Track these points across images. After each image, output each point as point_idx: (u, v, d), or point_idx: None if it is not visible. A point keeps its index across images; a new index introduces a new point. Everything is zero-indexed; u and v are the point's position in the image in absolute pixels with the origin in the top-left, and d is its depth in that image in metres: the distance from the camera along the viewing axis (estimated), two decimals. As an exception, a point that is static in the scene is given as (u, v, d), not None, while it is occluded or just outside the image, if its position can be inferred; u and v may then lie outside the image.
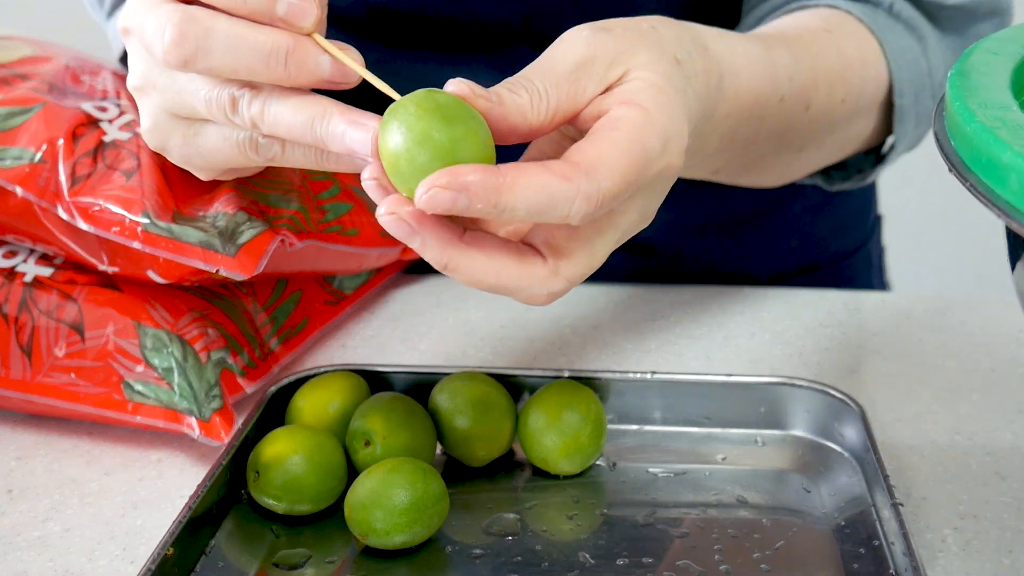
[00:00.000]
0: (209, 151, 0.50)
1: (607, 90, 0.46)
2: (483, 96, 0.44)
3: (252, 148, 0.49)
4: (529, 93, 0.45)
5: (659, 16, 0.50)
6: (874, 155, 0.73)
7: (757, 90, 0.57)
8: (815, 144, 0.67)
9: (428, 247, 0.43)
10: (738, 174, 0.67)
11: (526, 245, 0.46)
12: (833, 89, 0.64)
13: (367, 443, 0.55)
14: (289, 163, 0.49)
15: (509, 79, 0.45)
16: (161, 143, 0.51)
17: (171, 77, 0.48)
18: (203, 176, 0.54)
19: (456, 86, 0.44)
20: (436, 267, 0.44)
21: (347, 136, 0.45)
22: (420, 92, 0.44)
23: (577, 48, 0.46)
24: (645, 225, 0.49)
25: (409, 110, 0.43)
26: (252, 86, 0.47)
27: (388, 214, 0.43)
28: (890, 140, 0.72)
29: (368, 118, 0.45)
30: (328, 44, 0.46)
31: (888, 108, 0.69)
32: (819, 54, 0.64)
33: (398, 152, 0.43)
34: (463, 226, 0.45)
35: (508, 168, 0.42)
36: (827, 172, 0.74)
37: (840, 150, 0.71)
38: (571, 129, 0.49)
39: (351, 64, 0.46)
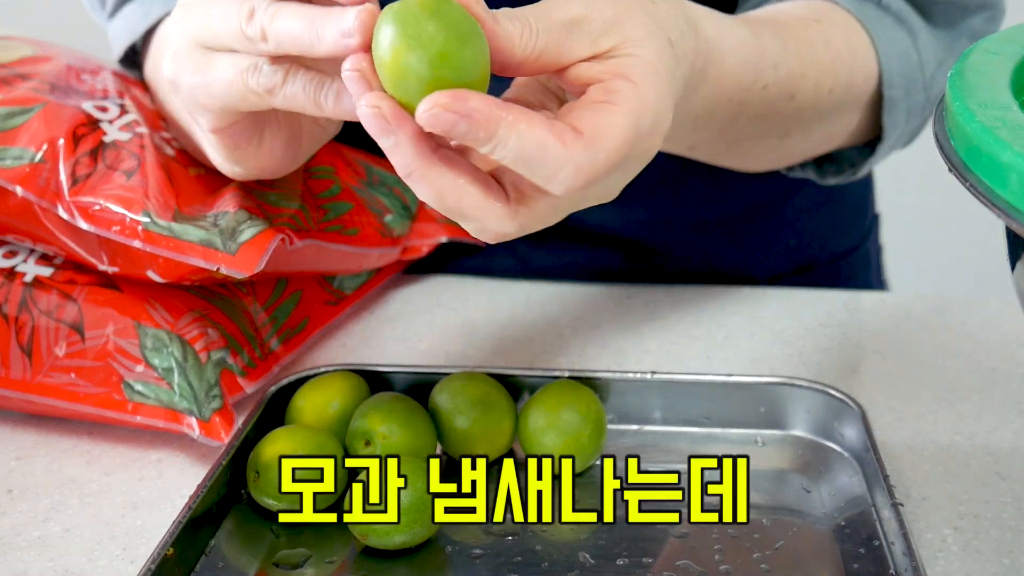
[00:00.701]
0: (214, 80, 0.50)
1: (596, 57, 0.46)
2: (482, 5, 0.43)
3: (254, 74, 0.49)
4: (522, 25, 0.44)
5: None
6: (868, 150, 0.73)
7: (740, 77, 0.57)
8: (800, 132, 0.67)
9: (399, 150, 0.43)
10: (716, 153, 0.67)
11: (494, 179, 0.45)
12: (821, 79, 0.64)
13: (367, 443, 0.55)
14: (287, 100, 0.49)
15: (504, 8, 0.45)
16: (176, 71, 0.52)
17: (207, 3, 0.50)
18: (206, 123, 0.53)
19: None
20: (400, 173, 0.44)
21: (341, 19, 0.44)
22: None
23: (575, 4, 0.46)
24: (608, 199, 0.49)
25: (411, 10, 0.42)
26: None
27: (369, 106, 0.42)
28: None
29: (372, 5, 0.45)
30: None
31: (878, 102, 0.69)
32: (808, 44, 0.64)
33: (395, 52, 0.41)
34: (437, 142, 0.44)
35: (514, 107, 0.42)
36: (819, 164, 0.74)
37: (827, 141, 0.70)
38: (554, 84, 0.49)
39: None
